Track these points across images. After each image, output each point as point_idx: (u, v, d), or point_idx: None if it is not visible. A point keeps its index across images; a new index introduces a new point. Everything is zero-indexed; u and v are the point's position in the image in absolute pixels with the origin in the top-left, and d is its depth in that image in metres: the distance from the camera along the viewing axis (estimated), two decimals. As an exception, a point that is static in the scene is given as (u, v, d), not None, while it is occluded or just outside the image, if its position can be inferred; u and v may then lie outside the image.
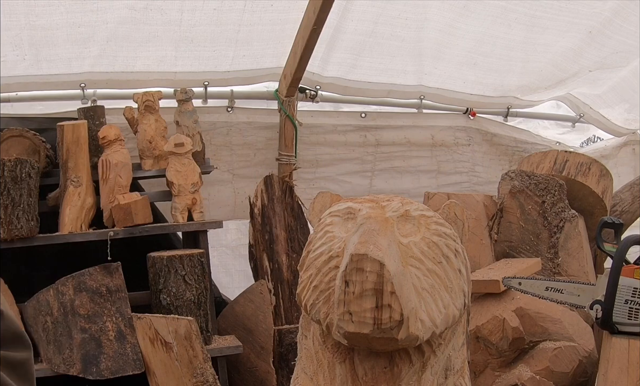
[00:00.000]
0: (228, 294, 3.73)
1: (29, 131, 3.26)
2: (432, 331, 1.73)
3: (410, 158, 4.21)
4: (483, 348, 2.95)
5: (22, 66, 3.36)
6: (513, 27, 3.77)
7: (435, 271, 1.76)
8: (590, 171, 3.51)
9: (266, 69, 3.74)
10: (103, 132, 3.26)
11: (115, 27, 3.32)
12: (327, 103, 4.05)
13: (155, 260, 3.11)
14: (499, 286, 2.96)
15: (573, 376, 2.86)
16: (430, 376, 1.80)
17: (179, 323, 2.88)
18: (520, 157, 4.18)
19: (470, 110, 4.30)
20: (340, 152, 4.05)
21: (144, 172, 3.46)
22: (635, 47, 3.90)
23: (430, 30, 3.74)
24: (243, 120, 3.88)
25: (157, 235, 3.31)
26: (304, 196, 3.78)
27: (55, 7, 3.17)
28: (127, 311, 2.99)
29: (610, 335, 2.52)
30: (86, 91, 3.55)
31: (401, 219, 1.79)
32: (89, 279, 2.99)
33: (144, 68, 3.53)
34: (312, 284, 1.81)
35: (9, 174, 2.99)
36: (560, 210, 3.40)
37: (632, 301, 2.46)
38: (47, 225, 3.16)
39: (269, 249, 3.59)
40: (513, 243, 3.44)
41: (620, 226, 2.68)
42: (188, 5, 3.30)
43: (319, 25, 3.31)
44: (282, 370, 3.31)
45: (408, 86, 4.07)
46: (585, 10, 3.70)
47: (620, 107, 4.50)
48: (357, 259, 1.65)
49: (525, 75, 4.16)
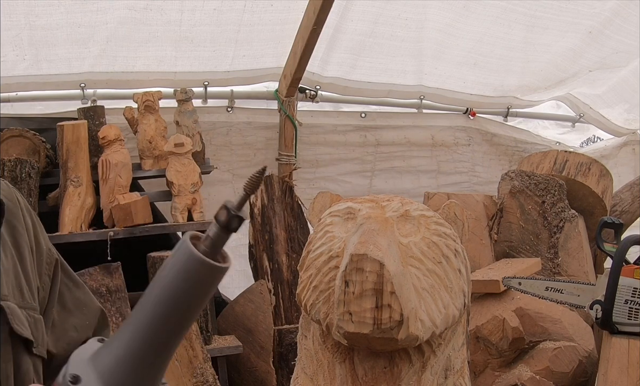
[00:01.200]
0: (228, 294, 3.73)
1: (29, 131, 3.26)
2: (432, 331, 1.73)
3: (410, 158, 4.21)
4: (483, 348, 2.95)
5: (22, 66, 3.36)
6: (513, 27, 3.77)
7: (435, 271, 1.76)
8: (590, 171, 3.51)
9: (266, 69, 3.74)
10: (103, 132, 3.26)
11: (115, 27, 3.32)
12: (327, 103, 4.05)
13: (155, 260, 3.10)
14: (499, 286, 2.96)
15: (573, 376, 2.86)
16: (430, 376, 1.80)
17: (179, 323, 2.88)
18: (520, 157, 4.18)
19: (470, 110, 4.30)
20: (340, 152, 4.05)
21: (144, 172, 3.46)
22: (635, 47, 3.90)
23: (430, 30, 3.74)
24: (243, 120, 3.88)
25: (157, 235, 3.31)
26: (304, 196, 3.78)
27: (55, 7, 3.17)
28: (127, 311, 2.99)
29: (610, 335, 2.52)
30: (86, 91, 3.55)
31: (401, 219, 1.79)
32: (89, 279, 2.99)
33: (144, 68, 3.53)
34: (312, 284, 1.81)
35: (9, 174, 2.99)
36: (560, 210, 3.40)
37: (632, 301, 2.46)
38: (47, 225, 3.14)
39: (269, 249, 3.59)
40: (513, 243, 3.44)
41: (620, 226, 2.69)
42: (188, 5, 3.30)
43: (319, 25, 3.31)
44: (282, 370, 3.31)
45: (408, 86, 4.07)
46: (585, 10, 3.70)
47: (620, 107, 4.50)
48: (357, 259, 1.64)
49: (525, 75, 4.16)
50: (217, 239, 0.84)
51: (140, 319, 0.86)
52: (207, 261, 0.83)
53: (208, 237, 0.84)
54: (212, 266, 0.84)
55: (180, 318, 0.87)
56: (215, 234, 0.84)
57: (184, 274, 0.84)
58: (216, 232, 0.84)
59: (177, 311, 0.86)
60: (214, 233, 0.84)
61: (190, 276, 0.84)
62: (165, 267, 0.86)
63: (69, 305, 1.22)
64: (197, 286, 0.85)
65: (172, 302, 0.85)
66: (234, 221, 0.83)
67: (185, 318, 0.87)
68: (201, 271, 0.84)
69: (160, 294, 0.85)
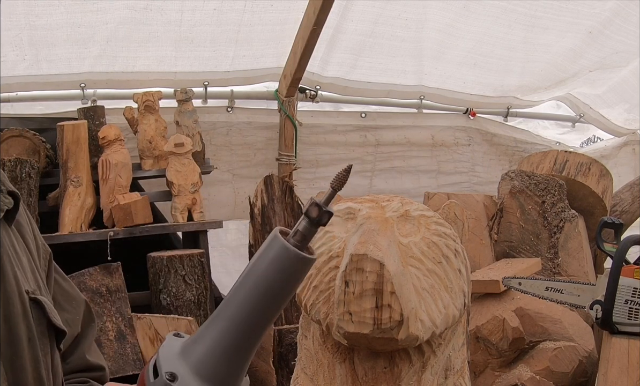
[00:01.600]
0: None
1: (29, 131, 3.26)
2: (432, 331, 1.73)
3: (410, 158, 4.21)
4: (483, 348, 2.95)
5: (22, 66, 3.36)
6: (513, 28, 3.78)
7: (435, 271, 1.76)
8: (590, 171, 3.51)
9: (266, 69, 3.74)
10: (103, 132, 3.26)
11: (115, 27, 3.32)
12: (327, 103, 4.05)
13: (155, 260, 3.11)
14: (499, 286, 2.96)
15: (573, 376, 2.86)
16: (430, 377, 1.80)
17: (179, 323, 2.88)
18: (520, 157, 4.18)
19: (470, 110, 4.30)
20: (340, 152, 4.05)
21: (144, 172, 3.45)
22: (635, 47, 3.90)
23: (430, 31, 3.74)
24: (243, 120, 3.88)
25: (157, 235, 3.31)
26: (304, 196, 3.78)
27: (55, 7, 3.17)
28: (127, 311, 2.99)
29: (610, 335, 2.52)
30: (86, 91, 3.55)
31: (401, 219, 1.79)
32: (89, 279, 2.99)
33: (144, 68, 3.53)
34: (312, 285, 1.81)
35: (9, 174, 2.99)
36: (560, 210, 3.40)
37: (632, 301, 2.46)
38: (47, 225, 3.16)
39: (269, 249, 3.59)
40: (513, 243, 3.44)
41: (620, 226, 2.69)
42: (188, 5, 3.30)
43: (319, 25, 3.31)
44: (282, 370, 3.31)
45: (408, 86, 4.07)
46: (585, 11, 3.70)
47: (620, 107, 4.50)
48: (357, 259, 1.64)
49: (525, 75, 4.16)
50: (307, 233, 0.90)
51: (234, 312, 0.92)
52: (300, 254, 0.89)
53: (298, 231, 0.90)
54: (304, 259, 0.90)
55: (274, 308, 0.92)
56: (306, 229, 0.90)
57: (279, 266, 0.90)
58: (306, 226, 0.90)
59: (272, 302, 0.91)
60: (304, 227, 0.90)
61: (284, 268, 0.90)
62: (257, 261, 0.91)
63: (60, 299, 1.23)
64: (291, 277, 0.91)
65: (267, 292, 0.91)
66: (325, 216, 0.89)
67: (278, 307, 0.93)
68: (295, 263, 0.90)
69: (255, 287, 0.91)
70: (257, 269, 0.91)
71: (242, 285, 0.92)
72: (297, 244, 0.89)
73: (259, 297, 0.91)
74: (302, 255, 0.89)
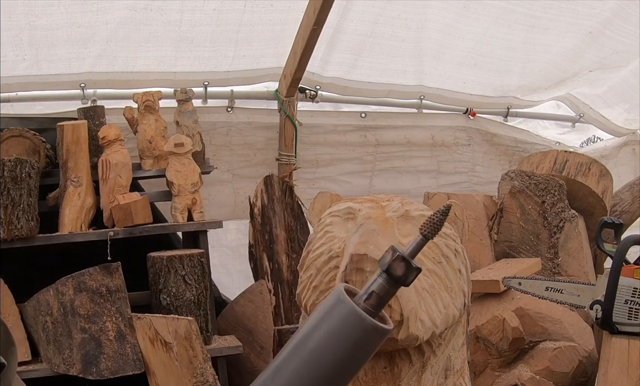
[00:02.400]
0: (228, 294, 3.73)
1: (29, 131, 3.26)
2: (432, 331, 1.73)
3: (410, 158, 4.21)
4: (483, 348, 2.95)
5: (22, 66, 3.36)
6: (513, 28, 3.78)
7: (435, 271, 1.76)
8: (590, 171, 3.51)
9: (266, 69, 3.74)
10: (103, 132, 3.26)
11: (115, 28, 3.32)
12: (327, 103, 4.05)
13: (155, 260, 3.11)
14: (499, 286, 2.96)
15: (573, 376, 2.86)
16: (430, 376, 1.81)
17: (178, 323, 2.88)
18: (520, 157, 4.18)
19: (470, 110, 4.30)
20: (340, 152, 4.05)
21: (144, 172, 3.45)
22: (635, 47, 3.90)
23: (430, 31, 3.74)
24: (243, 120, 3.88)
25: (157, 235, 3.31)
26: (304, 196, 3.78)
27: (55, 7, 3.17)
28: (127, 311, 2.99)
29: (610, 335, 2.52)
30: (86, 91, 3.55)
31: (401, 219, 1.79)
32: (89, 279, 2.99)
33: (144, 68, 3.53)
34: (312, 285, 1.81)
35: (9, 174, 2.99)
36: (560, 210, 3.40)
37: (632, 301, 2.46)
38: (47, 225, 3.16)
39: (269, 250, 3.59)
40: (513, 243, 3.44)
41: (620, 226, 2.69)
42: (188, 5, 3.30)
43: (319, 25, 3.31)
44: (282, 370, 3.30)
45: (408, 86, 4.07)
46: (585, 11, 3.70)
47: (620, 107, 4.50)
48: (357, 259, 1.65)
49: (525, 75, 4.16)
50: (385, 295, 0.72)
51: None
52: (378, 326, 0.72)
53: (374, 293, 0.73)
54: (381, 330, 0.73)
55: (345, 380, 0.79)
56: (384, 290, 0.72)
57: (347, 337, 0.73)
58: (384, 286, 0.72)
59: (333, 380, 0.76)
60: (382, 287, 0.72)
61: (355, 341, 0.73)
62: (318, 325, 0.74)
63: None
64: (361, 351, 0.75)
65: (329, 369, 0.74)
66: (412, 274, 0.71)
67: (349, 378, 0.79)
68: (369, 334, 0.73)
69: (315, 361, 0.75)
70: (317, 337, 0.73)
71: (295, 352, 0.76)
72: (370, 311, 0.71)
73: (318, 375, 0.74)
74: (380, 327, 0.71)
